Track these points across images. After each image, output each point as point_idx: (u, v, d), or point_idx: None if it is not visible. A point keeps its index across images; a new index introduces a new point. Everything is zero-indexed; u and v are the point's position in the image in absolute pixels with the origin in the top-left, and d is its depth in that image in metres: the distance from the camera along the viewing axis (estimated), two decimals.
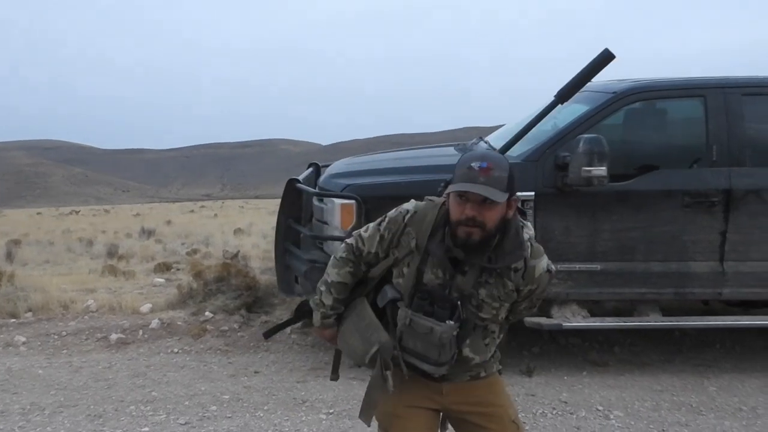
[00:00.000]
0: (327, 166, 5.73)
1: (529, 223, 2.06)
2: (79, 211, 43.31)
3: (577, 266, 4.36)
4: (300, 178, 5.37)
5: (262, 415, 3.98)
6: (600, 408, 3.96)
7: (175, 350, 5.34)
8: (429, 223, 1.99)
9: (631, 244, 4.36)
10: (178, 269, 9.65)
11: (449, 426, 2.23)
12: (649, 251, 4.37)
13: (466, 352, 2.01)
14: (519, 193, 4.29)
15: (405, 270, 2.02)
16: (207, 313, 5.91)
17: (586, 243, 4.36)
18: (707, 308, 5.48)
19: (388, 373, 2.00)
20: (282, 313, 5.92)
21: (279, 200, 5.30)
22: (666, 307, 4.65)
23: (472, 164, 1.87)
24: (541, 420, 3.83)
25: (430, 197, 2.09)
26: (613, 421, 3.81)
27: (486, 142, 5.07)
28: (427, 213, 2.02)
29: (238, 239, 15.01)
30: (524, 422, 3.72)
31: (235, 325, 5.69)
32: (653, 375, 4.55)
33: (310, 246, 4.85)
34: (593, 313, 4.55)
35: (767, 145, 4.57)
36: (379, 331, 2.04)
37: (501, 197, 1.86)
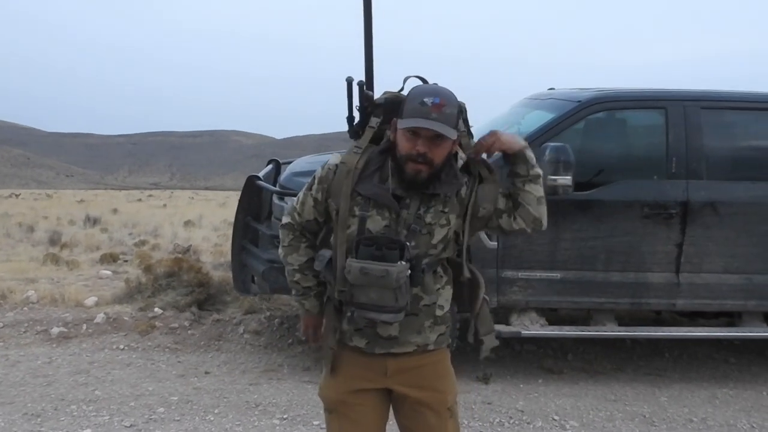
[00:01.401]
0: (287, 163, 5.60)
1: (462, 136, 2.03)
2: (19, 195, 41.65)
3: (538, 274, 4.36)
4: (260, 175, 5.23)
5: (212, 418, 3.84)
6: (556, 418, 3.97)
7: (121, 347, 5.14)
8: (357, 170, 1.96)
9: (591, 254, 4.38)
10: (125, 261, 9.31)
11: None
12: (608, 261, 4.40)
13: (416, 290, 1.97)
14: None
15: (350, 220, 1.96)
16: (156, 309, 5.70)
17: (547, 251, 4.36)
18: (658, 318, 5.59)
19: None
20: (234, 312, 5.76)
21: (230, 192, 5.16)
22: (619, 316, 4.71)
23: (425, 99, 1.86)
24: (499, 429, 3.81)
25: (357, 144, 2.04)
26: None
27: None
28: (354, 161, 1.98)
29: (188, 231, 14.64)
30: None
31: (186, 323, 5.51)
32: (606, 384, 4.60)
33: (269, 245, 4.72)
34: (550, 321, 4.56)
35: (723, 159, 4.66)
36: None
37: (453, 134, 1.88)
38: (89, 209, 22.27)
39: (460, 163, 2.03)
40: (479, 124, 5.65)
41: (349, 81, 2.08)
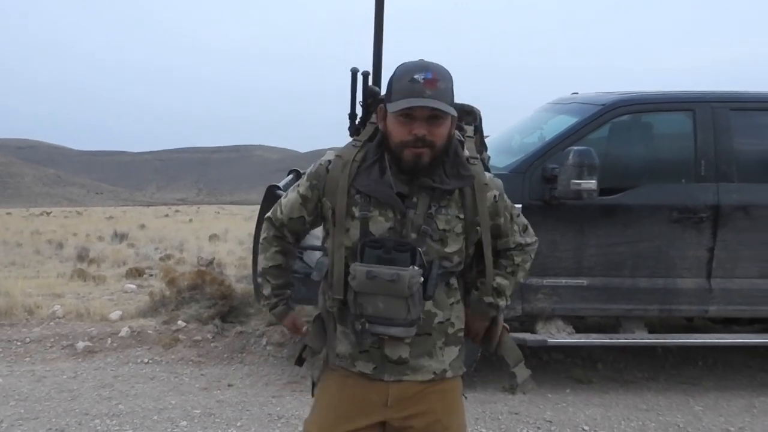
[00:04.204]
0: None
1: (467, 139, 1.89)
2: (50, 213, 42.49)
3: (563, 281, 4.26)
4: (280, 184, 5.22)
5: (235, 431, 3.80)
6: (586, 428, 3.85)
7: (145, 360, 5.14)
8: (355, 164, 1.77)
9: (617, 260, 4.27)
10: (151, 275, 9.39)
11: None
12: (636, 267, 4.29)
13: (429, 305, 1.75)
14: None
15: (348, 222, 1.75)
16: (179, 322, 5.70)
17: (572, 258, 4.26)
18: (690, 325, 5.43)
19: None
20: (258, 324, 5.73)
21: (255, 207, 5.15)
22: (649, 323, 4.58)
23: (415, 76, 1.65)
24: None
25: (356, 138, 1.85)
26: None
27: None
28: (352, 155, 1.79)
29: (213, 245, 14.74)
30: None
31: (209, 335, 5.49)
32: (638, 393, 4.46)
33: None
34: (578, 329, 4.45)
35: (754, 161, 4.53)
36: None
37: (452, 110, 1.68)
38: (117, 225, 22.61)
39: (466, 153, 1.83)
40: (502, 129, 5.59)
41: (354, 72, 1.91)
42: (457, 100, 1.78)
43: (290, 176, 5.65)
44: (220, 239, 16.80)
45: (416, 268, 1.67)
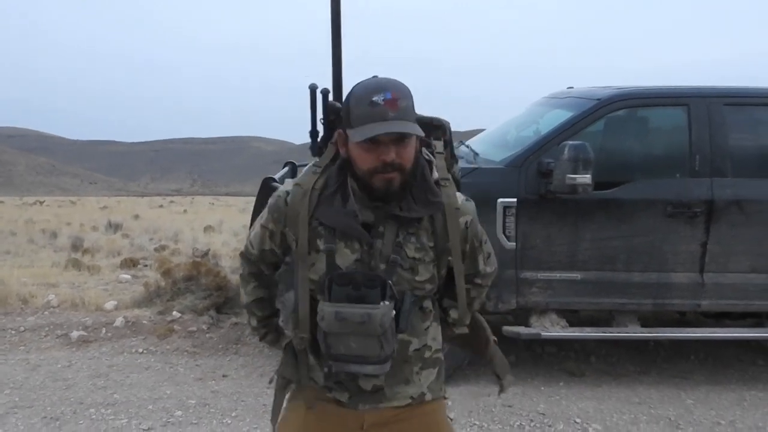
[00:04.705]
0: (303, 165, 5.58)
1: (437, 156, 1.76)
2: (43, 202, 42.27)
3: (558, 275, 4.28)
4: (276, 177, 5.21)
5: (229, 422, 3.82)
6: (578, 420, 3.88)
7: (140, 350, 5.14)
8: (315, 192, 1.66)
9: (612, 254, 4.30)
10: (146, 266, 9.39)
11: None
12: (629, 261, 4.31)
13: (403, 335, 1.66)
14: (501, 199, 4.22)
15: (313, 256, 1.65)
16: (174, 313, 5.71)
17: (566, 252, 4.28)
18: (683, 319, 5.47)
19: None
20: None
21: (251, 198, 5.14)
22: (642, 317, 4.61)
23: (374, 98, 1.54)
24: None
25: (316, 164, 1.72)
26: None
27: (468, 146, 4.97)
28: (311, 182, 1.67)
29: (208, 237, 14.72)
30: None
31: (204, 326, 5.51)
32: (630, 386, 4.50)
33: None
34: (571, 323, 4.48)
35: (749, 156, 4.56)
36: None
37: (419, 130, 1.58)
38: (111, 215, 22.53)
39: (435, 175, 1.71)
40: (498, 124, 5.60)
41: (312, 89, 1.77)
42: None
43: (286, 168, 5.65)
44: (215, 230, 16.78)
45: (387, 303, 1.57)
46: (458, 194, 1.74)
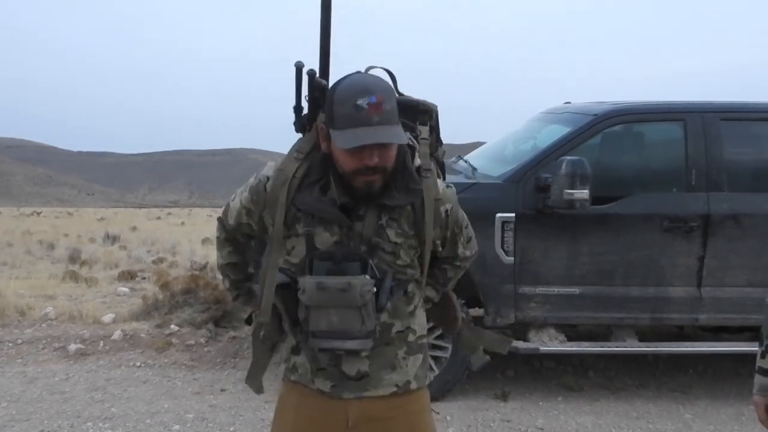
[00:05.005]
0: None
1: (420, 143, 1.76)
2: (41, 213, 42.25)
3: (556, 290, 4.29)
4: None
5: None
6: None
7: (138, 364, 5.13)
8: (296, 180, 1.66)
9: (610, 268, 4.31)
10: (143, 278, 9.37)
11: None
12: (627, 275, 4.33)
13: (385, 316, 1.68)
14: (500, 214, 4.23)
15: (293, 240, 1.66)
16: (172, 326, 5.70)
17: (564, 266, 4.29)
18: (681, 333, 5.47)
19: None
20: (250, 329, 5.74)
21: None
22: (640, 331, 4.62)
23: (359, 102, 1.52)
24: None
25: (297, 149, 1.72)
26: None
27: (466, 161, 4.99)
28: (292, 170, 1.68)
29: (206, 249, 14.70)
30: None
31: (202, 340, 5.50)
32: (628, 401, 4.50)
33: None
34: (570, 337, 4.49)
35: (744, 170, 4.59)
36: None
37: (403, 138, 1.58)
38: (109, 227, 22.51)
39: (417, 162, 1.72)
40: (496, 139, 5.63)
41: (299, 66, 1.72)
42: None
43: None
44: (212, 242, 16.76)
45: (367, 277, 1.59)
46: (439, 182, 1.76)
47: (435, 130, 1.83)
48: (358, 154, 1.56)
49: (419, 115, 1.81)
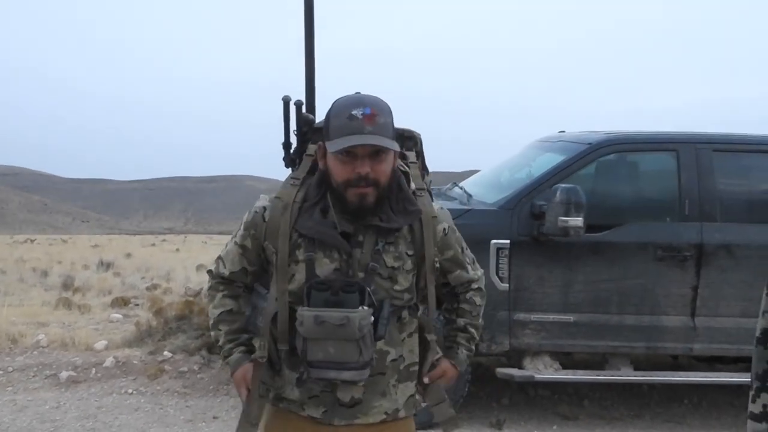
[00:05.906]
0: None
1: (411, 167, 1.81)
2: (35, 240, 42.05)
3: (551, 317, 4.29)
4: None
5: None
6: None
7: (130, 391, 5.08)
8: (296, 205, 1.69)
9: (604, 296, 4.32)
10: (137, 305, 9.31)
11: None
12: (622, 304, 4.34)
13: (381, 344, 1.68)
14: (495, 241, 4.24)
15: (293, 267, 1.67)
16: (165, 353, 5.66)
17: (559, 294, 4.30)
18: (676, 363, 5.46)
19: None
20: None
21: None
22: (635, 360, 4.62)
23: (353, 112, 1.58)
24: None
25: (293, 176, 1.76)
26: None
27: (461, 188, 5.03)
28: (292, 195, 1.71)
29: (201, 275, 14.64)
30: None
31: (195, 367, 5.45)
32: (623, 430, 4.48)
33: None
34: (565, 365, 4.47)
35: (737, 201, 4.64)
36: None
37: (395, 146, 1.63)
38: (103, 254, 22.40)
39: (412, 186, 1.78)
40: (491, 167, 5.68)
41: (286, 101, 1.78)
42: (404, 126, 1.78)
43: None
44: (207, 267, 16.70)
45: (365, 308, 1.60)
46: (434, 203, 1.81)
47: (420, 156, 1.89)
48: (350, 163, 1.60)
49: (405, 141, 1.88)
